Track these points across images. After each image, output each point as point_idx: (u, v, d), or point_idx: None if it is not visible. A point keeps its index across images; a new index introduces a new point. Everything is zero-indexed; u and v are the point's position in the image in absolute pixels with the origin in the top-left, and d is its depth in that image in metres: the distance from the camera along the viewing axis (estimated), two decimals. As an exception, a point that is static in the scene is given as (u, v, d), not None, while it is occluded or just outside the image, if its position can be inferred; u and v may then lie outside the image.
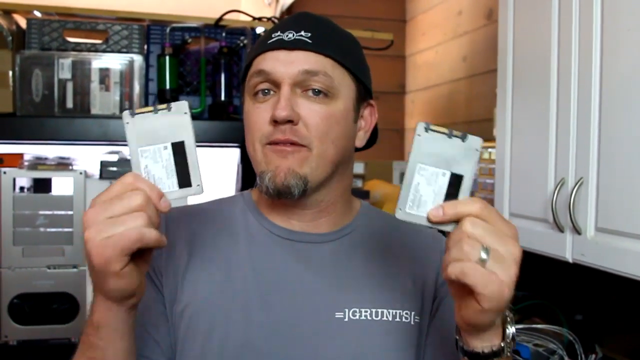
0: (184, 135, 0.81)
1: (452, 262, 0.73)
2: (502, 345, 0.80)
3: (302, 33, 0.96)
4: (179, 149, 0.80)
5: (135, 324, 0.86)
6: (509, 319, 0.81)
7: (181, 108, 0.81)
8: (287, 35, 0.96)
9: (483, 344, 0.79)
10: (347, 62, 0.98)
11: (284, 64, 0.95)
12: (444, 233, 0.79)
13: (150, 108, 0.80)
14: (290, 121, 0.93)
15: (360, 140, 1.05)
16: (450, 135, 0.78)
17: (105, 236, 0.74)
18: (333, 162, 0.98)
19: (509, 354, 0.81)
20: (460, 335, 0.82)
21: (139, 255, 0.78)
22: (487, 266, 0.72)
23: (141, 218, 0.74)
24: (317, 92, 0.95)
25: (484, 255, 0.72)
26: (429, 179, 0.78)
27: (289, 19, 1.01)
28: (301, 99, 0.95)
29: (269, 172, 0.95)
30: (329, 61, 0.96)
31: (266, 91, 0.96)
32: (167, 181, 0.80)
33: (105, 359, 0.84)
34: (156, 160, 0.80)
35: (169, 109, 0.80)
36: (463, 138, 0.78)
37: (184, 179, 0.80)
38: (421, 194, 0.78)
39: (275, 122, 0.93)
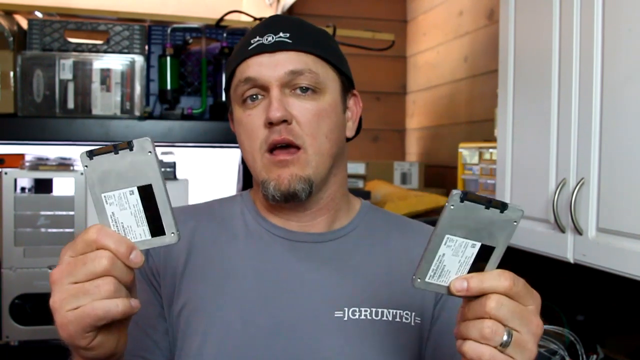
0: (150, 177, 0.72)
1: (470, 342, 0.69)
2: None
3: (281, 34, 0.97)
4: (147, 194, 0.72)
5: (133, 325, 0.85)
6: None
7: (145, 146, 0.71)
8: (266, 39, 0.97)
9: None
10: (328, 56, 1.00)
11: (268, 68, 0.96)
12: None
13: (110, 147, 0.71)
14: (284, 121, 0.94)
15: (350, 130, 1.06)
16: (488, 206, 0.70)
17: (69, 308, 0.69)
18: (330, 155, 0.99)
19: None
20: None
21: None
22: (508, 351, 0.69)
23: (106, 285, 0.69)
24: (305, 90, 0.96)
25: (506, 338, 0.68)
26: (455, 250, 0.71)
27: (262, 24, 1.02)
28: (291, 98, 0.96)
29: (272, 181, 0.96)
30: (312, 58, 0.98)
31: (254, 96, 0.97)
32: (138, 230, 0.73)
33: None
34: (123, 207, 0.72)
35: (130, 147, 0.71)
36: (502, 209, 0.70)
37: (155, 227, 0.73)
38: (445, 265, 0.72)
39: (270, 124, 0.94)
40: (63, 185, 1.80)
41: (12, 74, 1.76)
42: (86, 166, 0.72)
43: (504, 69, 1.58)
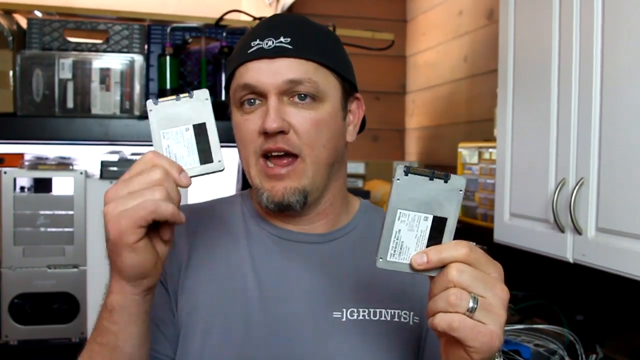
0: (205, 117, 0.82)
1: (440, 313, 0.71)
2: None
3: (282, 39, 0.95)
4: (200, 130, 0.82)
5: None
6: (497, 354, 0.77)
7: (202, 95, 0.83)
8: (266, 43, 0.95)
9: None
10: (330, 62, 0.98)
11: (267, 75, 0.94)
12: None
13: (174, 97, 0.83)
14: (281, 131, 0.93)
15: (351, 134, 1.05)
16: (432, 177, 0.74)
17: (122, 209, 0.74)
18: (327, 164, 0.98)
19: None
20: None
21: (157, 233, 0.78)
22: (476, 316, 0.70)
23: (158, 191, 0.75)
24: (303, 98, 0.95)
25: (472, 304, 0.70)
26: (410, 225, 0.74)
27: (264, 24, 1.00)
28: (289, 107, 0.95)
29: (265, 192, 0.96)
30: (312, 65, 0.96)
31: (252, 101, 0.96)
32: (188, 158, 0.82)
33: (117, 344, 0.83)
34: (178, 141, 0.82)
35: (190, 96, 0.82)
36: (445, 179, 0.74)
37: (205, 156, 0.82)
38: (402, 241, 0.74)
39: (265, 133, 0.93)
40: (62, 185, 1.80)
41: (11, 73, 1.76)
42: (151, 110, 0.82)
43: (503, 69, 1.58)
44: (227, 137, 1.87)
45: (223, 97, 1.92)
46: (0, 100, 1.76)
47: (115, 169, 1.84)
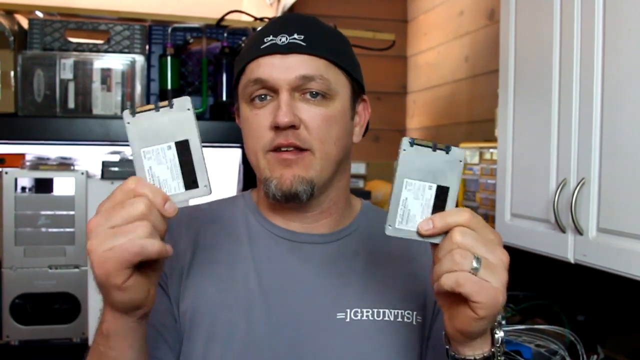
0: (188, 133, 0.77)
1: (445, 274, 0.74)
2: (493, 350, 0.81)
3: (295, 36, 0.95)
4: (183, 148, 0.77)
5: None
6: (496, 324, 0.82)
7: (183, 104, 0.77)
8: (280, 39, 0.95)
9: (475, 351, 0.81)
10: (341, 61, 0.99)
11: (280, 70, 0.94)
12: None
13: (152, 106, 0.77)
14: (292, 126, 0.93)
15: (357, 135, 1.05)
16: (434, 148, 0.78)
17: (106, 248, 0.72)
18: (336, 161, 0.98)
19: (499, 357, 0.82)
20: (450, 344, 0.83)
21: (147, 265, 0.76)
22: (480, 274, 0.73)
23: (143, 228, 0.72)
24: (314, 95, 0.95)
25: (475, 264, 0.73)
26: (416, 193, 0.78)
27: (277, 22, 1.00)
28: (300, 102, 0.95)
29: (274, 180, 0.95)
30: (324, 63, 0.96)
31: (263, 97, 0.96)
32: (173, 183, 0.77)
33: None
34: (160, 162, 0.77)
35: (170, 105, 0.76)
36: (447, 150, 0.78)
37: (190, 180, 0.77)
38: (409, 209, 0.78)
39: (277, 127, 0.93)
40: (63, 185, 1.80)
41: (12, 73, 1.76)
42: (128, 122, 0.76)
43: (504, 69, 1.58)
44: (227, 138, 1.90)
45: (224, 97, 1.92)
46: (2, 101, 1.76)
47: (116, 169, 1.84)
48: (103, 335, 0.82)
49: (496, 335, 0.82)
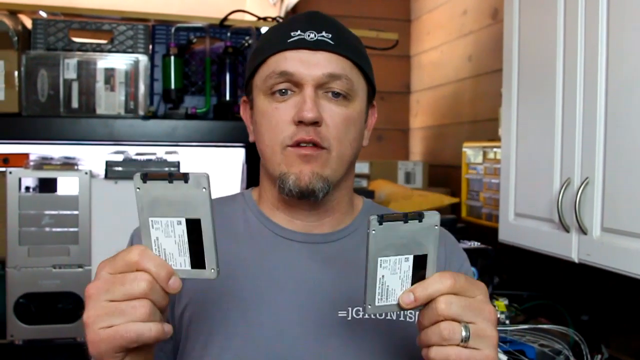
0: (200, 212, 0.72)
1: (435, 347, 0.73)
2: None
3: (324, 33, 0.95)
4: (194, 227, 0.72)
5: None
6: None
7: (200, 182, 0.71)
8: (308, 35, 0.95)
9: None
10: (363, 63, 0.99)
11: (307, 66, 0.94)
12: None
13: (166, 174, 0.71)
14: (315, 122, 0.93)
15: (366, 139, 1.06)
16: (406, 220, 0.73)
17: (103, 325, 0.70)
18: (349, 162, 0.99)
19: None
20: None
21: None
22: (470, 344, 0.72)
23: (142, 308, 0.70)
24: (336, 94, 0.95)
25: (465, 333, 0.72)
26: (392, 269, 0.75)
27: (303, 18, 0.99)
28: (323, 100, 0.95)
29: (292, 175, 0.94)
30: (349, 63, 0.97)
31: (284, 91, 0.96)
32: (179, 258, 0.73)
33: None
34: (168, 235, 0.73)
35: (185, 179, 0.71)
36: (420, 218, 0.74)
37: (197, 260, 0.74)
38: (388, 285, 0.75)
39: (300, 122, 0.93)
40: (67, 185, 1.81)
41: (16, 73, 1.77)
42: (138, 188, 0.72)
43: (508, 68, 1.58)
44: (231, 137, 1.90)
45: (228, 97, 1.92)
46: (6, 101, 1.76)
47: (120, 168, 1.84)
48: None
49: None
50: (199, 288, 0.98)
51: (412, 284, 0.76)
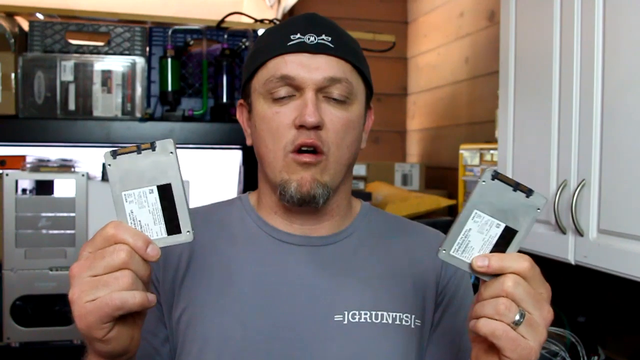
0: (170, 177, 0.75)
1: (484, 318, 0.72)
2: None
3: (324, 37, 0.95)
4: (165, 193, 0.75)
5: None
6: None
7: (166, 147, 0.74)
8: (308, 38, 0.94)
9: None
10: (362, 66, 0.99)
11: (308, 70, 0.93)
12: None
13: (134, 147, 0.75)
14: (316, 126, 0.93)
15: (364, 142, 1.05)
16: (515, 188, 0.75)
17: (87, 299, 0.71)
18: (347, 166, 0.98)
19: None
20: None
21: (130, 313, 0.74)
22: (519, 330, 0.72)
23: (124, 278, 0.71)
24: (336, 98, 0.95)
25: (518, 318, 0.71)
26: (481, 227, 0.75)
27: (302, 20, 0.98)
28: (324, 104, 0.94)
29: (294, 182, 0.94)
30: (349, 67, 0.96)
31: (284, 94, 0.95)
32: (155, 227, 0.75)
33: None
34: (142, 205, 0.75)
35: (152, 148, 0.74)
36: (528, 194, 0.75)
37: (172, 226, 0.76)
38: (470, 240, 0.76)
39: (301, 126, 0.92)
40: (64, 187, 1.80)
41: (13, 75, 1.77)
42: (109, 164, 0.75)
43: (504, 71, 1.58)
44: (228, 139, 1.89)
45: (225, 99, 1.92)
46: (2, 103, 1.76)
47: (116, 171, 1.84)
48: None
49: None
50: (197, 292, 0.98)
51: (491, 252, 0.75)
